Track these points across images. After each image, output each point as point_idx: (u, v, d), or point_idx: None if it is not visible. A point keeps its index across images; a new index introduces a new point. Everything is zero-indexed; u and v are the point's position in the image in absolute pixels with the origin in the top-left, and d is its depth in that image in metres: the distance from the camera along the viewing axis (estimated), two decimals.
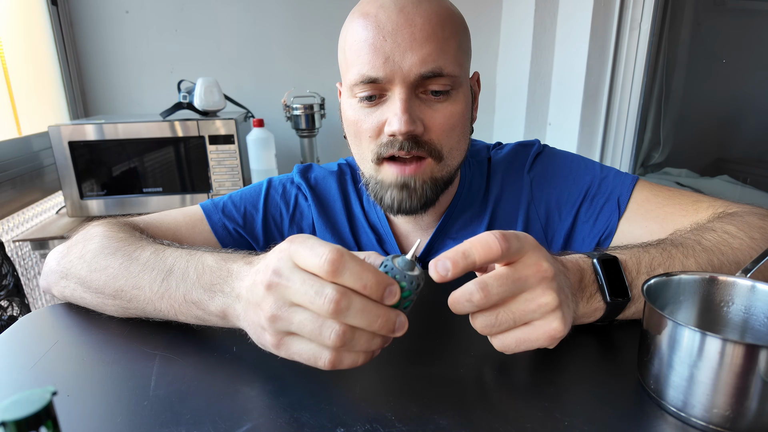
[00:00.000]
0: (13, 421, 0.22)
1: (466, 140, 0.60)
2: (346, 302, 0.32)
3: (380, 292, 0.33)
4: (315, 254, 0.33)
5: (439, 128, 0.55)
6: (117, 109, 1.74)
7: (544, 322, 0.37)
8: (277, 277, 0.34)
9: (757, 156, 1.32)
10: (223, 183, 1.43)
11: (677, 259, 0.46)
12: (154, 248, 0.49)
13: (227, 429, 0.34)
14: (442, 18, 0.53)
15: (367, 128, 0.56)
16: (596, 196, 0.64)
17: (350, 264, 0.32)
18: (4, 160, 1.29)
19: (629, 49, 1.47)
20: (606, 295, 0.42)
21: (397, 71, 0.52)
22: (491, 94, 1.89)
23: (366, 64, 0.53)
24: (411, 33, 0.51)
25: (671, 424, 0.34)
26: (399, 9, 0.52)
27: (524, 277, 0.36)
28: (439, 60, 0.52)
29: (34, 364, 0.43)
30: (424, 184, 0.57)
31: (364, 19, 0.53)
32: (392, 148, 0.55)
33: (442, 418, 0.35)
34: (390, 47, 0.52)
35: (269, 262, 0.36)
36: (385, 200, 0.58)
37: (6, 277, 1.02)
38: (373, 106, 0.56)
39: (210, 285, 0.42)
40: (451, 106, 0.55)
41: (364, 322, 0.33)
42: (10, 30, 1.40)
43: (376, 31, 0.52)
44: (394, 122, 0.53)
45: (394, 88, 0.53)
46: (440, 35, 0.52)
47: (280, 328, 0.35)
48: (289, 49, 1.74)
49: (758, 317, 0.39)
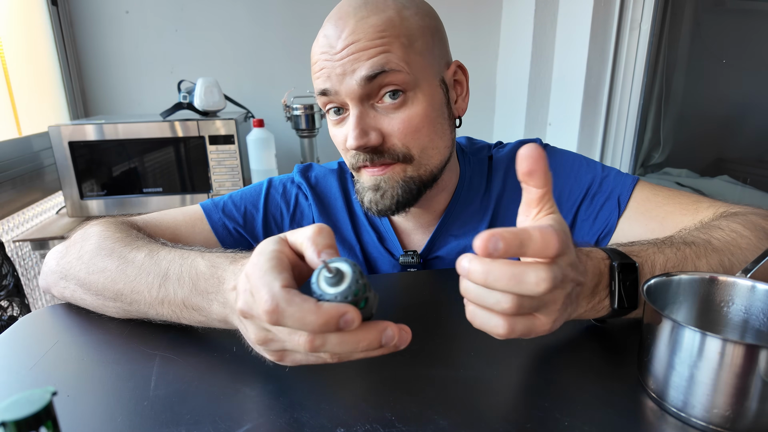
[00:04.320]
0: (13, 421, 0.22)
1: (443, 137, 0.59)
2: (320, 340, 0.31)
3: (334, 327, 0.30)
4: (258, 300, 0.31)
5: (399, 134, 0.56)
6: (117, 109, 1.74)
7: (548, 319, 0.35)
8: (247, 308, 0.33)
9: (757, 156, 1.32)
10: (223, 183, 1.43)
11: (690, 260, 0.45)
12: (149, 249, 0.49)
13: (227, 429, 0.34)
14: (381, 24, 0.53)
15: (339, 141, 0.60)
16: (597, 194, 0.64)
17: (288, 312, 0.30)
18: (4, 160, 1.29)
19: (629, 49, 1.47)
20: (615, 301, 0.42)
21: (341, 85, 0.54)
22: (491, 94, 1.89)
23: (316, 81, 0.56)
24: (348, 50, 0.53)
25: (671, 424, 0.34)
26: (337, 27, 0.54)
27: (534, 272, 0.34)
28: (380, 60, 0.53)
29: (34, 364, 0.43)
30: (395, 185, 0.58)
31: (317, 41, 0.56)
32: (358, 160, 0.58)
33: (442, 418, 0.35)
34: (331, 65, 0.54)
35: (239, 289, 0.35)
36: (364, 202, 0.60)
37: (6, 277, 1.02)
38: (340, 122, 0.59)
39: (206, 292, 0.42)
40: (408, 109, 0.55)
41: (346, 350, 0.31)
42: (10, 30, 1.40)
43: (321, 50, 0.55)
44: (348, 138, 0.55)
45: (348, 103, 0.55)
46: (378, 42, 0.53)
47: (274, 348, 0.34)
48: (289, 49, 1.74)
49: (758, 317, 0.39)
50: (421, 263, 0.66)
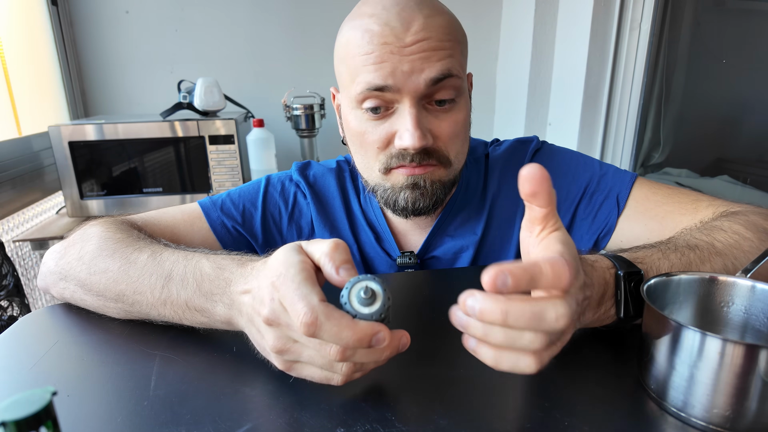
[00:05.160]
0: (13, 421, 0.22)
1: (467, 143, 0.62)
2: (351, 351, 0.33)
3: (366, 344, 0.33)
4: (293, 311, 0.33)
5: (446, 137, 0.56)
6: (117, 109, 1.74)
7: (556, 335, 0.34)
8: (275, 317, 0.35)
9: (757, 156, 1.32)
10: (223, 183, 1.43)
11: (694, 264, 0.45)
12: (152, 250, 0.49)
13: (227, 429, 0.34)
14: (447, 26, 0.54)
15: (374, 140, 0.56)
16: (595, 193, 0.64)
17: (326, 326, 0.32)
18: (4, 160, 1.29)
19: (629, 49, 1.47)
20: (621, 310, 0.41)
21: (406, 82, 0.52)
22: (491, 94, 1.89)
23: (371, 74, 0.52)
24: (419, 46, 0.51)
25: (671, 424, 0.34)
26: (403, 20, 0.52)
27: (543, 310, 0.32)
28: (448, 64, 0.53)
29: (34, 364, 0.43)
30: (434, 184, 0.58)
31: (368, 29, 0.52)
32: (403, 161, 0.56)
33: (442, 418, 0.35)
34: (397, 59, 0.51)
35: (263, 296, 0.36)
36: (398, 203, 0.58)
37: (6, 277, 1.02)
38: (381, 119, 0.55)
39: (210, 294, 0.42)
40: (455, 114, 0.56)
41: (371, 360, 0.35)
42: (10, 30, 1.40)
43: (382, 41, 0.52)
44: (407, 138, 0.53)
45: (402, 100, 0.53)
46: (447, 44, 0.53)
47: (288, 359, 0.36)
48: (289, 49, 1.74)
49: (758, 317, 0.39)
50: (418, 264, 0.66)
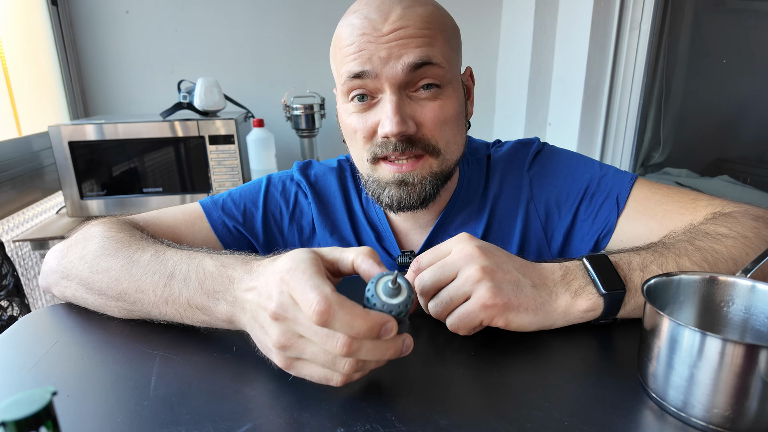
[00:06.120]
0: (13, 421, 0.22)
1: (462, 135, 0.61)
2: (357, 344, 0.34)
3: (375, 334, 0.34)
4: (305, 301, 0.34)
5: (431, 123, 0.56)
6: (117, 109, 1.74)
7: (474, 294, 0.42)
8: (282, 311, 0.35)
9: (757, 156, 1.32)
10: (223, 183, 1.43)
11: (670, 258, 0.47)
12: (155, 250, 0.49)
13: (227, 429, 0.34)
14: (427, 16, 0.54)
15: (361, 130, 0.57)
16: (596, 194, 0.64)
17: (339, 314, 0.33)
18: (4, 160, 1.29)
19: (629, 49, 1.47)
20: (600, 287, 0.44)
21: (383, 68, 0.53)
22: (491, 94, 1.89)
23: (351, 63, 0.54)
24: (396, 34, 0.53)
25: (671, 424, 0.34)
26: (381, 12, 0.54)
27: (451, 261, 0.43)
28: (427, 51, 0.54)
29: (34, 364, 0.43)
30: (423, 179, 0.58)
31: (350, 24, 0.55)
32: (387, 150, 0.56)
33: (442, 418, 0.35)
34: (374, 47, 0.53)
35: (271, 291, 0.36)
36: (383, 198, 0.59)
37: (6, 277, 1.02)
38: (366, 110, 0.57)
39: (213, 292, 0.42)
40: (441, 101, 0.56)
41: (375, 357, 0.35)
42: (10, 30, 1.40)
43: (361, 32, 0.54)
44: (386, 124, 0.54)
45: (384, 89, 0.55)
46: (426, 32, 0.54)
47: (290, 355, 0.36)
48: (289, 49, 1.74)
49: (758, 317, 0.39)
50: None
